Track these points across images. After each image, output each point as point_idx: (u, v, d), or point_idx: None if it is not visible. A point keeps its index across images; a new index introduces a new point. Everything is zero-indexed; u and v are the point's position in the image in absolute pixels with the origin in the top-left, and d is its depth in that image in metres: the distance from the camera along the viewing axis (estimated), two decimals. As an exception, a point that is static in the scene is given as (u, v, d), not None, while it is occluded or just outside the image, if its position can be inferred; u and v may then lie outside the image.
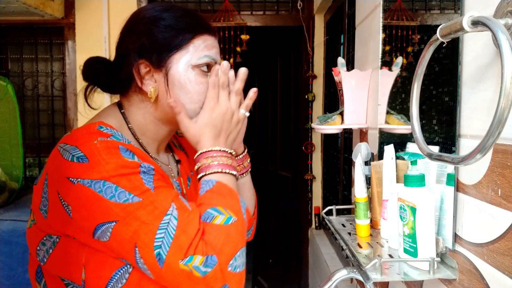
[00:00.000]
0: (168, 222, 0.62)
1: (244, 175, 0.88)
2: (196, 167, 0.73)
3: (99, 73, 0.79)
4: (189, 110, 0.75)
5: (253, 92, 0.78)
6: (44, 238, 0.70)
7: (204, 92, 0.76)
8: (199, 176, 0.72)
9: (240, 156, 0.87)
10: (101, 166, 0.64)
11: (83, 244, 0.67)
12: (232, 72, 0.77)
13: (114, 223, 0.62)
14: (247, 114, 0.78)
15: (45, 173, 0.70)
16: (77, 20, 2.46)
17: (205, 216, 0.65)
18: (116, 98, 0.83)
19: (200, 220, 0.65)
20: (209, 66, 0.76)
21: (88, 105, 0.81)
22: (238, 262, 0.64)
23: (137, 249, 0.62)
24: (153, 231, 0.61)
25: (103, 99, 0.83)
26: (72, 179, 0.64)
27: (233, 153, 0.75)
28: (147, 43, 0.73)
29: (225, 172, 0.71)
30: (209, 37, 0.77)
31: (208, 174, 0.71)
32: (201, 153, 0.72)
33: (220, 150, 0.72)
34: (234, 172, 0.72)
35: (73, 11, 2.46)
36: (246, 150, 0.88)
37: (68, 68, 2.51)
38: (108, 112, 0.79)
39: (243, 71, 0.78)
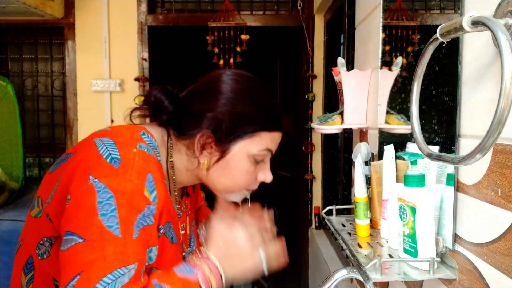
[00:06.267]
0: (122, 275, 0.60)
1: None
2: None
3: (165, 107, 0.77)
4: (225, 187, 0.78)
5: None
6: (45, 239, 0.70)
7: (247, 178, 0.78)
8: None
9: None
10: (122, 180, 0.63)
11: None
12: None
13: (82, 240, 0.60)
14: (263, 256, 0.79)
15: (72, 158, 0.70)
16: (77, 20, 2.46)
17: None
18: None
19: None
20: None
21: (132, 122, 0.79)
22: None
23: (77, 277, 0.58)
24: (106, 272, 0.59)
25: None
26: (91, 178, 0.63)
27: (219, 270, 0.71)
28: (222, 120, 0.73)
29: (197, 282, 0.67)
30: (278, 134, 0.79)
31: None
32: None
33: (213, 263, 0.70)
34: None
35: (73, 11, 2.46)
36: None
37: (68, 68, 2.51)
38: (155, 127, 0.78)
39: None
